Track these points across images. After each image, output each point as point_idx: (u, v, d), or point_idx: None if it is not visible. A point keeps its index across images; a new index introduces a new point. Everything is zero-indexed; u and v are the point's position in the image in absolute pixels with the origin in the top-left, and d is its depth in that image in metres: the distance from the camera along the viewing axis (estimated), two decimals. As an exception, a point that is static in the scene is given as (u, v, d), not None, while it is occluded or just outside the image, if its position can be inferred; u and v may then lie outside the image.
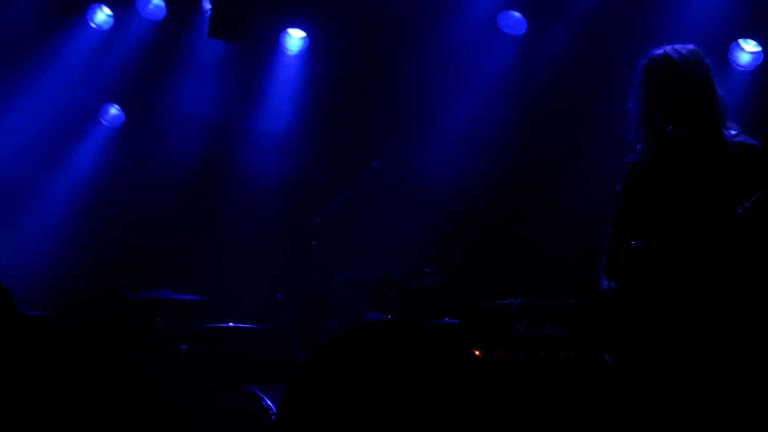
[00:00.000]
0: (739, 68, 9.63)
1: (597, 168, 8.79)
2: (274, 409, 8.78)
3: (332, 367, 7.31)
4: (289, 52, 11.27)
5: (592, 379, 6.11)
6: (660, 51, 5.89)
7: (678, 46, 5.90)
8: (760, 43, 9.56)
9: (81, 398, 10.64)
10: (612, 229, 6.07)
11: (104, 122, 11.67)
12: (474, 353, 7.59)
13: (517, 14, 10.44)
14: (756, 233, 5.56)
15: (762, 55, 9.55)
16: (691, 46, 5.94)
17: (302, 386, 7.36)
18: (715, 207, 5.69)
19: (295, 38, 11.24)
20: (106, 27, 11.29)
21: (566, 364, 7.34)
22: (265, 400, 8.84)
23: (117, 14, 11.26)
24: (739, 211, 5.50)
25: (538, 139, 10.23)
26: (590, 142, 9.60)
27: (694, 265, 5.67)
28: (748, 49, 9.63)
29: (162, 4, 11.15)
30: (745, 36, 9.60)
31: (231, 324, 9.73)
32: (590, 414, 6.62)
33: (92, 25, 11.26)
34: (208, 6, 10.73)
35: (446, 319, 9.08)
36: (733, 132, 5.82)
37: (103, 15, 11.28)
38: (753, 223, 5.48)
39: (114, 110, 11.66)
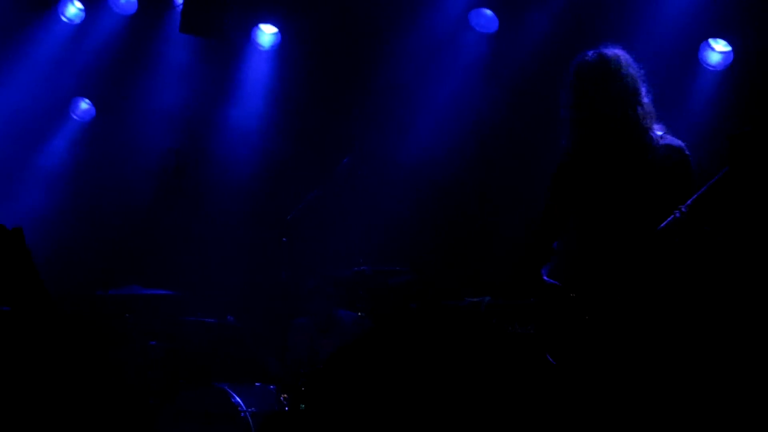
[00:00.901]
0: (709, 68, 9.66)
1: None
2: (243, 406, 8.78)
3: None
4: (261, 48, 11.25)
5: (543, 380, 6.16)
6: (591, 53, 5.92)
7: (608, 49, 5.92)
8: (729, 43, 9.58)
9: (48, 395, 10.61)
10: (538, 230, 6.13)
11: (75, 117, 11.61)
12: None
13: (488, 12, 10.45)
14: (671, 250, 5.68)
15: (732, 55, 9.58)
16: (619, 50, 5.96)
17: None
18: (634, 211, 5.78)
19: (267, 34, 11.23)
20: (78, 21, 11.23)
21: (534, 362, 7.38)
22: (233, 397, 8.83)
23: (88, 8, 11.19)
24: (660, 226, 5.60)
25: (510, 137, 10.25)
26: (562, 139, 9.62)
27: (603, 269, 5.76)
28: (718, 48, 9.66)
29: (134, -2, 11.14)
30: (715, 36, 9.63)
31: (201, 320, 9.71)
32: (556, 411, 6.66)
33: (63, 19, 11.20)
34: (179, 1, 10.70)
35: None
36: (658, 134, 5.87)
37: (74, 9, 11.22)
38: (669, 242, 5.59)
39: (84, 105, 11.61)
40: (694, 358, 7.56)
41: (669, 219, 5.56)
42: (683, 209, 5.52)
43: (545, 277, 5.96)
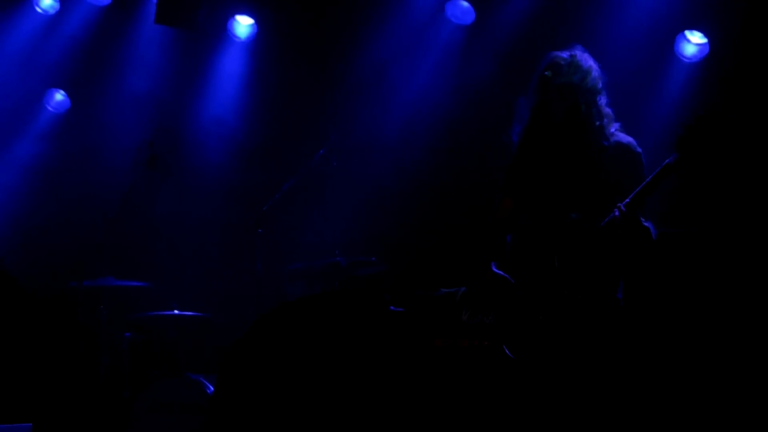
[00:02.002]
0: (685, 60, 9.67)
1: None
2: (218, 397, 8.76)
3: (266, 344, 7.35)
4: (238, 39, 11.23)
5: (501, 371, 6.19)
6: (554, 53, 6.01)
7: (573, 50, 6.02)
8: (705, 35, 9.59)
9: (22, 387, 10.57)
10: (491, 221, 6.18)
11: (49, 108, 11.57)
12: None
13: (465, 4, 10.44)
14: (613, 246, 5.78)
15: (708, 47, 9.59)
16: (581, 51, 6.05)
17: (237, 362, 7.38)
18: (585, 207, 5.88)
19: (243, 25, 11.21)
20: (52, 12, 11.18)
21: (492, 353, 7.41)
22: (209, 388, 8.81)
23: (62, -1, 11.17)
24: (602, 223, 5.67)
25: (483, 129, 10.24)
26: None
27: (552, 265, 5.82)
28: (694, 40, 9.67)
29: (108, -12, 11.10)
30: (691, 28, 9.64)
31: (175, 312, 9.68)
32: (531, 402, 6.68)
33: (38, 9, 11.15)
34: (154, -9, 10.68)
35: (391, 308, 9.08)
36: (612, 130, 5.96)
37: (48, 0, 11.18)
38: (610, 239, 5.67)
39: (59, 96, 11.57)
40: (644, 351, 7.63)
41: (609, 217, 5.65)
42: (622, 207, 5.61)
43: (494, 269, 6.02)
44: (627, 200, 5.64)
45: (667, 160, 5.57)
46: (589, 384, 5.76)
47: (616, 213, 5.64)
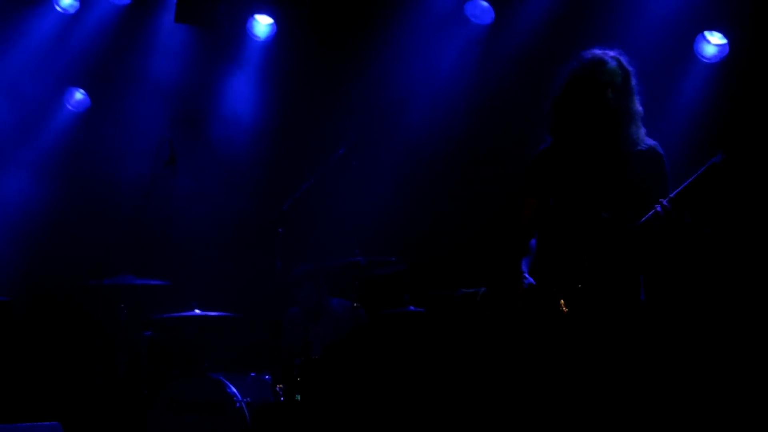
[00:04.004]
0: (705, 60, 9.66)
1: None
2: (239, 396, 8.79)
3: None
4: (257, 38, 11.25)
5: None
6: (609, 56, 5.98)
7: (609, 51, 6.00)
8: (725, 36, 9.58)
9: (43, 384, 10.62)
10: (515, 223, 6.15)
11: (69, 106, 11.59)
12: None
13: (484, 3, 10.44)
14: (645, 247, 5.77)
15: (727, 48, 9.57)
16: (615, 52, 6.03)
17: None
18: (615, 206, 5.86)
19: (262, 24, 11.22)
20: (72, 11, 11.19)
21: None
22: (229, 387, 8.84)
23: (83, -2, 11.19)
24: (641, 221, 5.66)
25: (503, 128, 10.24)
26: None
27: (584, 264, 5.81)
28: (713, 41, 9.65)
29: (128, -12, 11.12)
30: (711, 28, 9.62)
31: (195, 311, 9.70)
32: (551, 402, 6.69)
33: (58, 8, 11.16)
34: (174, -10, 10.70)
35: (411, 308, 9.10)
36: (642, 135, 5.95)
37: (68, -1, 11.21)
38: (649, 235, 5.64)
39: (79, 95, 11.59)
40: (676, 355, 7.62)
41: (650, 213, 5.62)
42: (664, 203, 5.58)
43: (523, 272, 5.99)
44: (672, 195, 5.59)
45: (712, 159, 5.52)
46: (609, 384, 5.76)
47: (658, 209, 5.59)
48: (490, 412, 7.66)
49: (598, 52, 6.00)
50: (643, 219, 5.67)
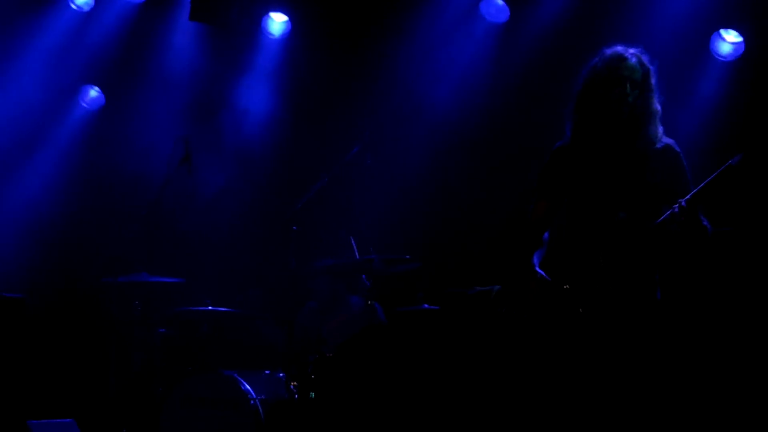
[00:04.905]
0: (720, 59, 9.64)
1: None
2: (253, 393, 8.79)
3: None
4: (272, 36, 11.25)
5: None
6: (630, 53, 5.97)
7: (631, 49, 5.99)
8: (741, 34, 9.57)
9: (58, 381, 10.64)
10: (527, 223, 6.15)
11: (84, 104, 11.61)
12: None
13: (499, 2, 10.44)
14: (669, 243, 5.74)
15: (743, 46, 9.56)
16: (636, 50, 6.02)
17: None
18: (631, 204, 5.85)
19: (277, 22, 11.23)
20: (87, 8, 11.21)
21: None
22: (243, 384, 8.83)
23: (98, -5, 11.20)
24: (659, 220, 5.64)
25: (517, 126, 10.24)
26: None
27: (599, 261, 5.80)
28: (729, 39, 9.64)
29: (143, -15, 11.13)
30: (726, 26, 9.61)
31: (209, 308, 9.70)
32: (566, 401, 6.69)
33: (73, 6, 11.17)
34: (189, -12, 10.71)
35: (425, 305, 9.10)
36: (660, 133, 5.93)
37: (84, -4, 11.22)
38: (667, 234, 5.62)
39: (94, 92, 11.61)
40: (690, 355, 7.60)
41: (667, 213, 5.60)
42: (683, 203, 5.56)
43: (537, 269, 5.98)
44: (688, 197, 5.57)
45: (730, 161, 5.50)
46: (623, 382, 5.75)
47: (676, 209, 5.57)
48: (504, 411, 7.65)
49: (619, 48, 5.99)
50: (660, 219, 5.66)
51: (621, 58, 5.94)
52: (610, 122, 5.89)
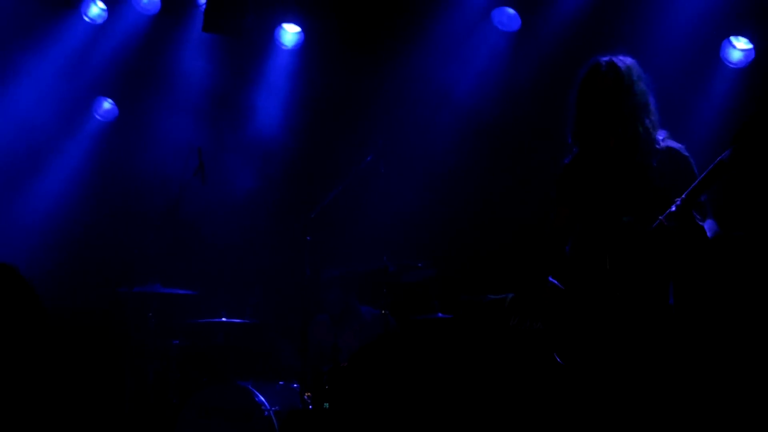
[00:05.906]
0: (731, 65, 9.65)
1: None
2: (267, 404, 8.81)
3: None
4: (284, 47, 11.29)
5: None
6: (604, 61, 5.98)
7: (620, 60, 5.99)
8: (751, 41, 9.57)
9: (71, 392, 10.66)
10: (548, 233, 6.16)
11: (97, 116, 11.66)
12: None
13: (511, 11, 10.46)
14: (664, 249, 5.74)
15: (753, 53, 9.56)
16: (630, 60, 6.03)
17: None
18: (639, 214, 5.81)
19: (290, 33, 11.26)
20: (100, 21, 11.25)
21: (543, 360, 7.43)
22: (257, 396, 8.86)
23: (111, 8, 11.20)
24: (654, 225, 5.64)
25: (531, 134, 10.25)
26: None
27: (607, 270, 5.81)
28: (739, 46, 9.64)
29: (156, -3, 11.17)
30: (737, 33, 9.61)
31: (223, 319, 9.73)
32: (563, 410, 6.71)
33: (86, 19, 11.22)
34: (202, 0, 10.74)
35: (439, 314, 9.11)
36: (660, 137, 5.93)
37: (96, 9, 11.22)
38: (665, 235, 5.62)
39: (107, 104, 11.65)
40: (701, 358, 7.58)
41: (666, 213, 5.60)
42: (678, 202, 5.57)
43: (549, 278, 6.00)
44: (683, 196, 5.57)
45: (721, 156, 5.50)
46: (639, 391, 5.75)
47: (672, 209, 5.58)
48: (518, 419, 7.65)
49: (598, 57, 6.01)
50: (659, 219, 5.66)
51: (594, 66, 5.96)
52: (594, 129, 5.91)
